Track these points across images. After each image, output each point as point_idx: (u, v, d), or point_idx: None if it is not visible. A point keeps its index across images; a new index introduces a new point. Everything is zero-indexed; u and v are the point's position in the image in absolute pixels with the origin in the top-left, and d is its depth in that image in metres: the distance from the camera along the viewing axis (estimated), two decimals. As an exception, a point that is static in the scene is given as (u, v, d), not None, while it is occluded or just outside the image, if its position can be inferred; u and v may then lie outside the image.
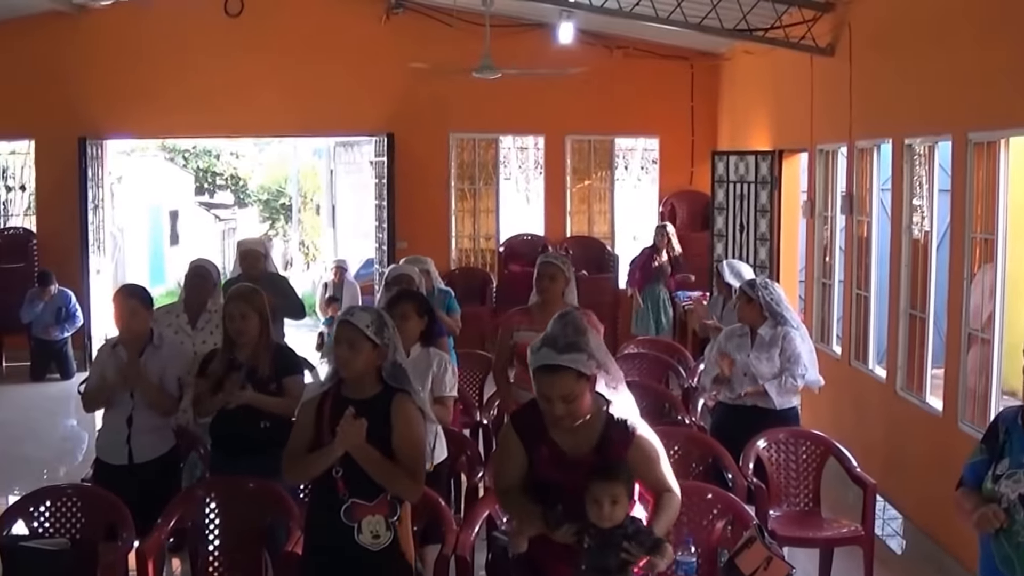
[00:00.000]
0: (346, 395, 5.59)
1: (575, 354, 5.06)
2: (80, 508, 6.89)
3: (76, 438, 13.82)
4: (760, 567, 6.04)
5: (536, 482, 5.33)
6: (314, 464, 5.55)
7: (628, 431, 5.28)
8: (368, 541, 5.52)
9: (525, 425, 5.34)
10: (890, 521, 9.97)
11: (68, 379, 16.19)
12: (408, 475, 5.54)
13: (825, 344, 12.38)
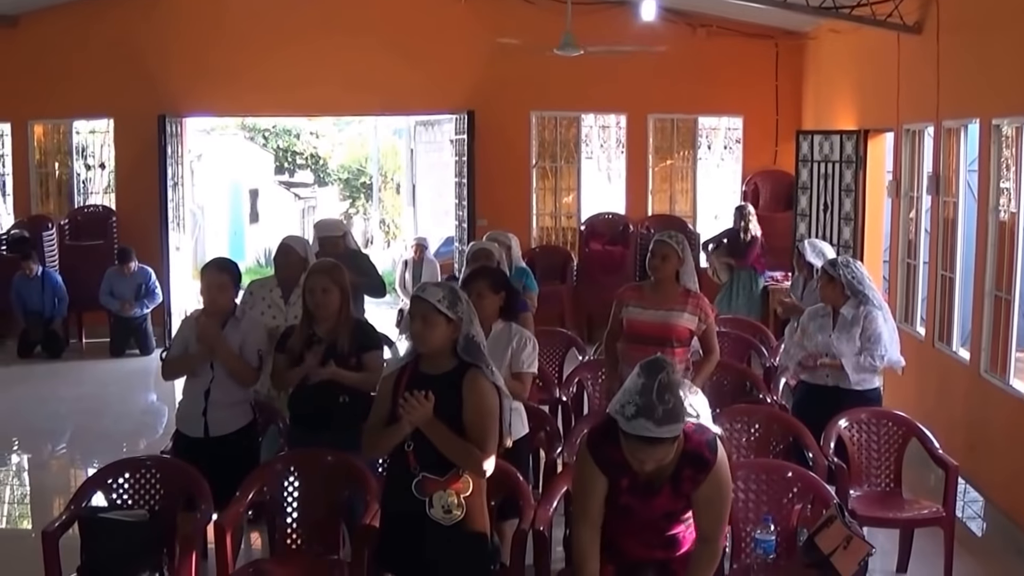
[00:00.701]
0: (423, 370, 5.59)
1: (674, 424, 5.01)
2: (159, 480, 6.93)
3: (156, 413, 13.95)
4: (840, 546, 6.01)
5: (616, 507, 5.32)
6: (387, 439, 5.57)
7: (703, 468, 5.24)
8: (439, 515, 5.52)
9: (604, 456, 5.30)
10: (971, 503, 9.87)
11: (147, 355, 16.32)
12: (478, 451, 5.52)
13: (909, 325, 12.26)
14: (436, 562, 5.59)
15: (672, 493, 5.20)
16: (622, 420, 4.97)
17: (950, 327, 11.12)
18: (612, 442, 5.22)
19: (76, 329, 17.18)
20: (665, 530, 5.30)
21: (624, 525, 5.30)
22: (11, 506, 10.55)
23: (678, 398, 4.96)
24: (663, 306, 8.27)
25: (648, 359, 5.15)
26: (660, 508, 5.22)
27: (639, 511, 5.23)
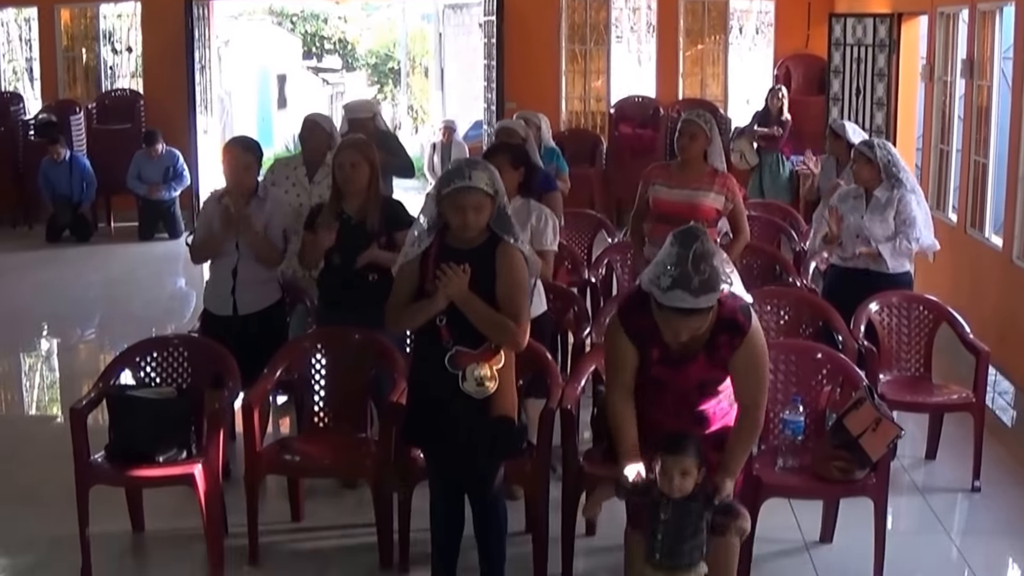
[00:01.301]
0: (450, 244, 5.52)
1: (710, 294, 4.94)
2: (186, 358, 6.90)
3: (184, 296, 13.99)
4: (869, 428, 5.98)
5: (648, 379, 5.28)
6: (419, 313, 5.52)
7: (737, 333, 5.17)
8: (472, 389, 5.49)
9: (635, 327, 5.24)
10: (1002, 393, 9.83)
11: (176, 238, 16.35)
12: (512, 323, 5.49)
13: (941, 212, 12.16)
14: (465, 437, 5.59)
15: (707, 361, 5.15)
16: (657, 292, 4.91)
17: (983, 213, 11.04)
18: (643, 312, 5.16)
19: (104, 213, 17.21)
20: (696, 404, 5.25)
21: (656, 399, 5.26)
22: (40, 389, 10.62)
23: (713, 267, 4.90)
24: (690, 185, 8.19)
25: (682, 228, 5.08)
26: (695, 377, 5.17)
27: (671, 382, 5.19)
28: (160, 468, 6.28)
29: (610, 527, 6.55)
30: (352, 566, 6.53)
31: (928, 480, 7.90)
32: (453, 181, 5.42)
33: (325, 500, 7.36)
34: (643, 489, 5.16)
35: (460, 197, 5.40)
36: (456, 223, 5.45)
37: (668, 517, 5.09)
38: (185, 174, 16.49)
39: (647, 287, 5.02)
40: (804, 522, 6.97)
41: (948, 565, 6.72)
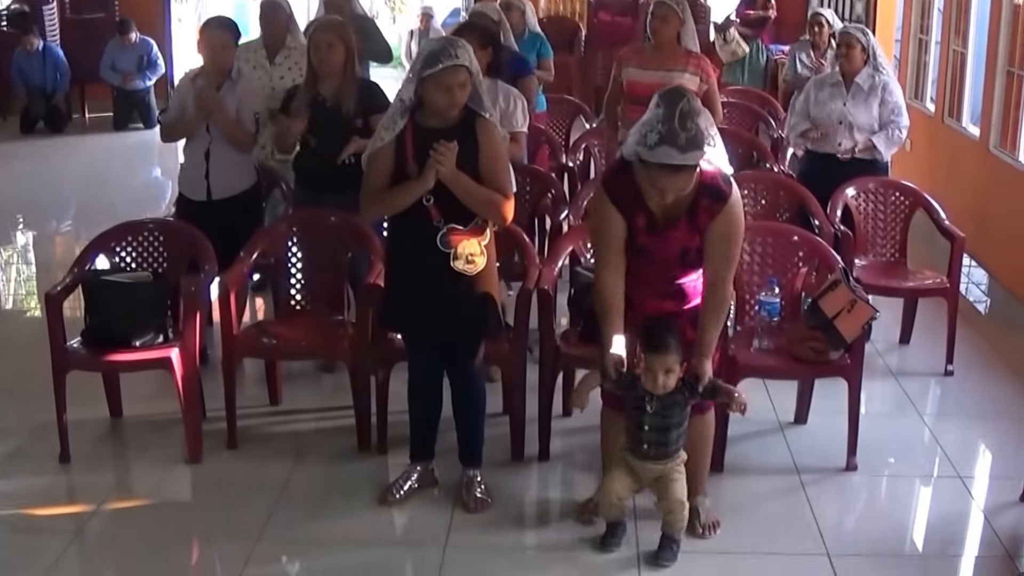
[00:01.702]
0: (425, 125, 5.48)
1: (696, 151, 4.92)
2: (162, 243, 6.88)
3: (159, 186, 13.95)
4: (844, 309, 6.02)
5: (634, 249, 5.27)
6: (404, 195, 5.46)
7: (719, 199, 5.17)
8: (463, 266, 5.49)
9: (620, 194, 5.22)
10: (976, 281, 9.89)
11: (151, 128, 16.26)
12: (501, 196, 5.50)
13: (919, 101, 12.19)
14: (451, 314, 5.60)
15: (688, 226, 5.15)
16: (644, 150, 4.91)
17: (960, 103, 11.05)
18: (626, 181, 5.17)
19: (78, 103, 17.12)
20: (677, 276, 5.27)
21: (640, 271, 5.27)
22: (16, 280, 10.59)
23: (699, 125, 4.90)
24: (663, 66, 8.13)
25: (666, 89, 5.07)
26: (677, 244, 5.18)
27: (656, 251, 5.20)
28: (137, 352, 6.26)
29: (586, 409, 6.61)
30: (330, 449, 6.55)
31: (902, 364, 7.97)
32: (441, 60, 5.33)
33: (303, 384, 7.41)
34: (628, 383, 5.21)
35: (448, 76, 5.33)
36: (443, 103, 5.38)
37: (654, 410, 5.17)
38: (159, 63, 16.37)
39: (631, 150, 5.01)
40: (779, 403, 7.03)
41: (920, 447, 6.78)
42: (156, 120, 16.22)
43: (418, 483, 5.98)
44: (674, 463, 5.31)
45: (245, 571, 5.27)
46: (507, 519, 5.85)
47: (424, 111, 5.47)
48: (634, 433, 5.27)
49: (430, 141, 5.38)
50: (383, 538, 5.69)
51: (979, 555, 5.67)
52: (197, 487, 6.25)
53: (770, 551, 5.56)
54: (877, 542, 5.68)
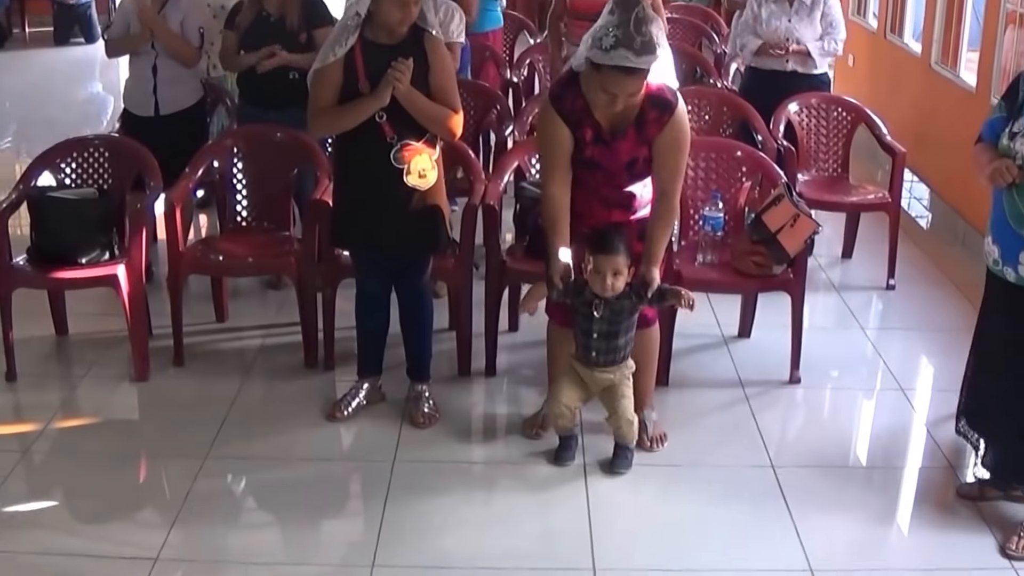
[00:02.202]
0: (375, 41, 5.44)
1: (650, 55, 4.93)
2: (107, 159, 6.83)
3: (101, 102, 13.83)
4: (787, 224, 6.06)
5: (581, 161, 5.29)
6: (358, 111, 5.42)
7: (666, 109, 5.20)
8: (415, 181, 5.50)
9: (567, 108, 5.24)
10: (917, 196, 9.97)
11: (92, 43, 16.08)
12: (450, 112, 5.51)
13: (861, 17, 12.21)
14: (398, 232, 5.62)
15: (636, 137, 5.18)
16: (599, 53, 4.92)
17: (902, 20, 11.07)
18: (574, 94, 5.19)
19: (19, 18, 16.94)
20: (625, 186, 5.30)
21: (588, 182, 5.30)
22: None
23: (652, 32, 4.92)
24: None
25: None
26: (625, 154, 5.20)
27: (604, 162, 5.22)
28: (83, 269, 6.23)
29: (532, 323, 6.66)
30: (277, 365, 6.57)
31: (844, 278, 8.05)
32: None
33: (248, 301, 7.43)
34: (576, 290, 5.24)
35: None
36: (396, 18, 5.34)
37: (602, 315, 5.21)
38: (101, -25, 16.21)
39: (582, 58, 5.04)
40: (722, 318, 7.12)
41: (863, 359, 6.87)
42: (97, 35, 16.05)
43: (366, 399, 6.01)
44: (622, 372, 5.37)
45: (193, 487, 5.28)
46: (455, 434, 5.89)
47: (373, 27, 5.43)
48: (582, 341, 5.32)
49: (380, 58, 5.36)
50: (332, 454, 5.72)
51: (922, 466, 5.74)
52: (144, 405, 6.25)
53: (715, 463, 5.64)
54: (820, 454, 5.77)
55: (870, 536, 5.09)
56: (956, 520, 5.21)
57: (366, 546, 4.89)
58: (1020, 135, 4.74)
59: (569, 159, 5.28)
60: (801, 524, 5.08)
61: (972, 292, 7.40)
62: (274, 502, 5.29)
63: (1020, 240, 4.76)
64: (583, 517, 5.12)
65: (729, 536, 5.02)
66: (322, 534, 5.13)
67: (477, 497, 5.38)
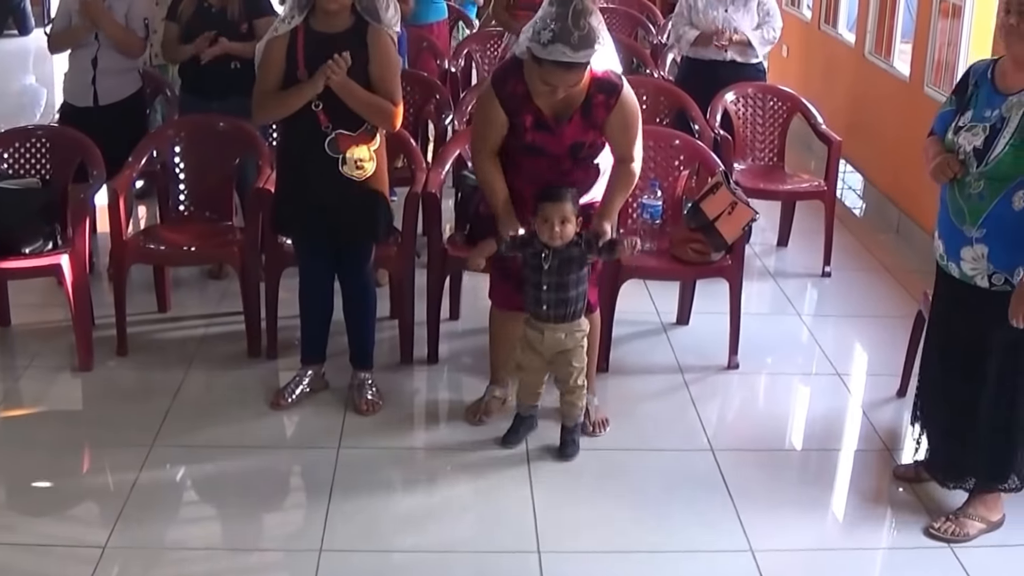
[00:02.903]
0: (317, 29, 5.49)
1: (589, 49, 4.99)
2: (49, 149, 6.82)
3: (34, 94, 13.74)
4: (724, 211, 6.15)
5: (522, 146, 5.35)
6: (293, 98, 5.47)
7: (613, 92, 5.27)
8: (351, 171, 5.54)
9: (508, 94, 5.30)
10: (852, 185, 10.10)
11: (26, 35, 15.97)
12: (389, 103, 5.53)
13: (796, 8, 12.33)
14: (339, 220, 5.66)
15: (582, 122, 5.25)
16: (537, 47, 4.98)
17: (836, 10, 11.19)
18: (516, 79, 5.25)
19: (-50, 8, 16.71)
20: (568, 171, 5.36)
21: (529, 167, 5.36)
22: None
23: (591, 24, 4.97)
24: None
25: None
26: (569, 139, 5.27)
27: (546, 146, 5.29)
28: (26, 259, 6.21)
29: (473, 312, 6.74)
30: (220, 354, 6.58)
31: (780, 266, 8.17)
32: None
33: (190, 291, 7.43)
34: (525, 241, 5.29)
35: None
36: (331, 6, 5.41)
37: (552, 265, 5.25)
38: (34, -31, 16.08)
39: (524, 47, 5.10)
40: (661, 305, 7.21)
41: (799, 344, 6.98)
42: (31, 27, 15.94)
43: (309, 387, 6.05)
44: (574, 335, 5.40)
45: (139, 477, 5.29)
46: (398, 421, 5.94)
47: (316, 15, 5.48)
48: (533, 294, 5.36)
49: (321, 47, 5.40)
50: (277, 441, 5.76)
51: (858, 449, 5.84)
52: (88, 395, 6.25)
53: (656, 447, 5.72)
54: (759, 438, 5.87)
55: (809, 517, 5.18)
56: (892, 501, 5.33)
57: (313, 532, 4.92)
58: (964, 130, 4.77)
59: (498, 142, 5.37)
60: (741, 506, 5.16)
61: (906, 279, 7.59)
62: (221, 490, 5.31)
63: (961, 236, 4.80)
64: (527, 501, 5.19)
65: (672, 519, 5.09)
66: (270, 521, 5.17)
67: (422, 483, 5.43)
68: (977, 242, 4.74)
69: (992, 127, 4.67)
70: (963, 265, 4.82)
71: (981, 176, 4.68)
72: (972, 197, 4.73)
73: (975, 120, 4.76)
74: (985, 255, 4.72)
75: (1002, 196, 4.64)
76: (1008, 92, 4.66)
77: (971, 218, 4.74)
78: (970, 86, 4.87)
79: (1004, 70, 4.75)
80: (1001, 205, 4.64)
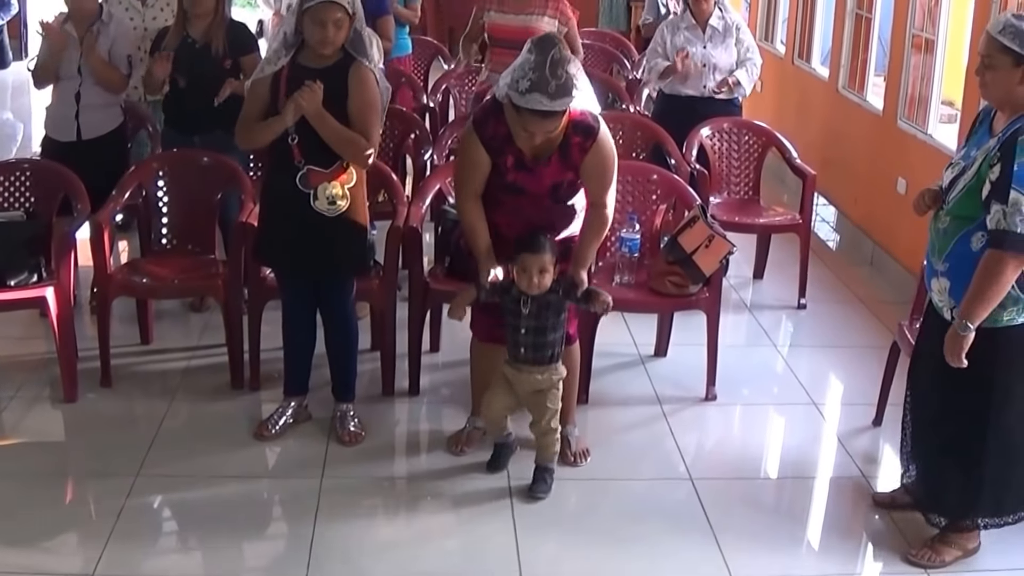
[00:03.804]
0: (303, 63, 5.55)
1: (566, 98, 5.07)
2: (33, 183, 6.88)
3: (11, 127, 13.72)
4: (702, 245, 6.23)
5: (504, 185, 5.42)
6: (269, 129, 5.54)
7: (589, 135, 5.34)
8: (324, 207, 5.59)
9: (489, 135, 5.37)
10: (826, 218, 10.20)
11: (3, 68, 15.93)
12: (364, 140, 5.57)
13: (769, 43, 12.45)
14: (316, 255, 5.72)
15: (560, 163, 5.33)
16: (515, 95, 5.06)
17: (810, 45, 11.32)
18: (497, 121, 5.32)
19: (-74, 41, 16.69)
20: (548, 209, 5.45)
21: (510, 206, 5.44)
22: None
23: (569, 73, 5.05)
24: (524, 10, 8.23)
25: (539, 36, 5.21)
26: (548, 179, 5.35)
27: (527, 186, 5.37)
28: (11, 291, 6.25)
29: (453, 344, 6.80)
30: (204, 386, 6.63)
31: (756, 298, 8.27)
32: None
33: (173, 323, 7.47)
34: (504, 288, 5.37)
35: (322, 11, 5.40)
36: (316, 38, 5.45)
37: (531, 310, 5.33)
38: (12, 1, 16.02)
39: (503, 92, 5.16)
40: (639, 337, 7.29)
41: (775, 375, 7.07)
42: (9, 60, 15.91)
43: (292, 418, 6.10)
44: (550, 377, 5.46)
45: (125, 506, 5.33)
46: (380, 451, 6.00)
47: (306, 51, 5.56)
48: (511, 337, 5.43)
49: (302, 80, 5.46)
50: (260, 472, 5.81)
51: (834, 476, 5.92)
52: (72, 425, 6.28)
53: (635, 477, 5.80)
54: (737, 467, 5.94)
55: (786, 544, 5.24)
56: (868, 528, 5.41)
57: (297, 562, 4.97)
58: (952, 165, 4.85)
59: (482, 183, 5.44)
60: (720, 534, 5.23)
61: (880, 310, 7.68)
62: (205, 520, 5.34)
63: (932, 268, 4.90)
64: (509, 531, 5.24)
65: (652, 547, 5.15)
66: (253, 551, 5.21)
67: (404, 512, 5.51)
68: (942, 275, 4.83)
69: (964, 167, 4.74)
70: (933, 296, 4.94)
71: (948, 213, 4.77)
72: (940, 232, 4.83)
73: (961, 158, 4.83)
74: (947, 289, 4.81)
75: (963, 234, 4.71)
76: (995, 135, 4.69)
77: (938, 252, 4.83)
78: (977, 124, 4.93)
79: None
80: (961, 243, 4.71)
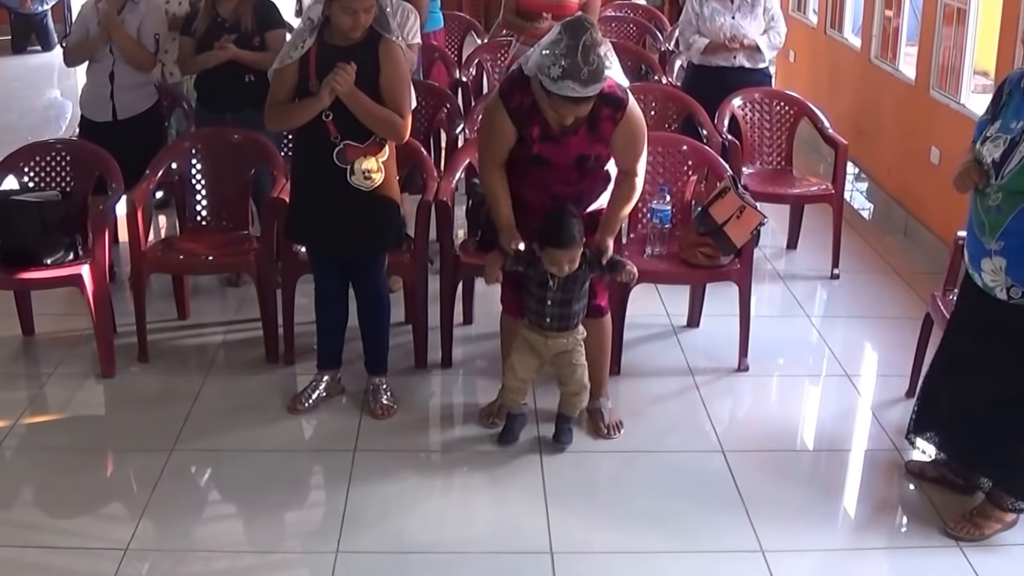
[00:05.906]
0: (330, 42, 5.58)
1: (598, 83, 5.06)
2: (69, 163, 6.95)
3: (59, 107, 13.87)
4: (733, 215, 6.23)
5: (529, 157, 5.42)
6: (303, 110, 5.56)
7: (619, 107, 5.33)
8: (360, 181, 5.62)
9: (516, 105, 5.36)
10: (859, 188, 10.17)
11: (49, 51, 16.14)
12: (397, 116, 5.60)
13: (802, 13, 12.42)
14: (353, 228, 5.75)
15: (589, 134, 5.33)
16: (547, 81, 5.05)
17: (842, 14, 11.27)
18: (524, 91, 5.31)
19: (-24, 27, 16.88)
20: (573, 181, 5.45)
21: (536, 177, 5.45)
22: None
23: (600, 57, 5.03)
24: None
25: (569, 19, 5.18)
26: (574, 150, 5.35)
27: (552, 157, 5.36)
28: (48, 270, 6.34)
29: (486, 317, 6.83)
30: (239, 360, 6.71)
31: (789, 268, 8.26)
32: None
33: (209, 299, 7.56)
34: (530, 260, 5.41)
35: (355, 1, 5.42)
36: (347, 25, 5.47)
37: (557, 287, 5.38)
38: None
39: (533, 71, 5.16)
40: (672, 308, 7.31)
41: (808, 346, 7.06)
42: (54, 42, 16.08)
43: (326, 391, 6.16)
44: (575, 337, 5.53)
45: (160, 480, 5.41)
46: (413, 424, 6.05)
47: (331, 29, 5.57)
48: (536, 307, 5.48)
49: (332, 59, 5.48)
50: (294, 445, 5.85)
51: (868, 449, 5.91)
52: (111, 401, 6.36)
53: (668, 449, 5.82)
54: (769, 439, 5.95)
55: (819, 517, 5.24)
56: (902, 501, 5.43)
57: (330, 534, 5.02)
58: (991, 140, 4.74)
59: (505, 153, 5.45)
60: (752, 507, 5.24)
61: (913, 280, 7.67)
62: (239, 493, 5.42)
63: (981, 247, 4.80)
64: (540, 503, 5.28)
65: (683, 519, 5.17)
66: (286, 523, 5.26)
67: (436, 485, 5.54)
68: (996, 254, 4.73)
69: (1012, 140, 4.65)
70: (984, 276, 4.83)
71: (999, 189, 4.66)
72: (991, 209, 4.71)
73: (1001, 131, 4.73)
74: (1003, 268, 4.72)
75: (1019, 210, 4.60)
76: None
77: (990, 231, 4.72)
78: (1004, 95, 4.83)
79: None
80: (1018, 219, 4.61)
